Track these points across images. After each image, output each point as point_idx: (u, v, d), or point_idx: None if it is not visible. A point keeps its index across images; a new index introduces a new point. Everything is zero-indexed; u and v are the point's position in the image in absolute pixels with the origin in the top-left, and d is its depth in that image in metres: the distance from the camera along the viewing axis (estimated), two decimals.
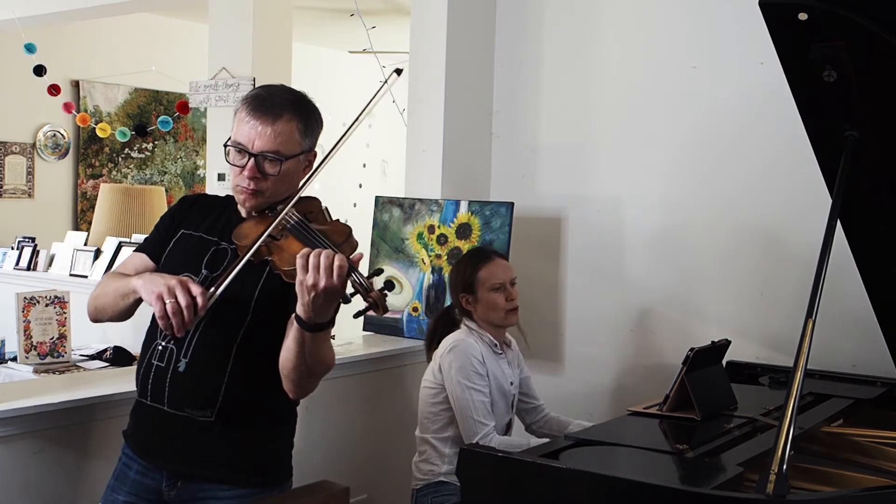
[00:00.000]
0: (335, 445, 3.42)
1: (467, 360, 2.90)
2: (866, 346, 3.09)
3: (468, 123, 4.01)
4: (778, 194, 3.40)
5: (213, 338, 2.07)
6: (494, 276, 3.00)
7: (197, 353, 2.07)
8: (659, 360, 3.62)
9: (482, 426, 2.85)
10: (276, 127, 2.05)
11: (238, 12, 5.03)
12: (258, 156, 2.05)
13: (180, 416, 2.08)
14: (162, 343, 2.10)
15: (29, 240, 5.83)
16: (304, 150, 2.12)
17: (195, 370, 2.06)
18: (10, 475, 2.44)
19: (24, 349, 4.26)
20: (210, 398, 2.07)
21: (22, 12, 6.02)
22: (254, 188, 2.07)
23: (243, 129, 2.07)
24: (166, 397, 2.09)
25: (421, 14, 3.97)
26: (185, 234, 2.22)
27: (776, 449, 1.85)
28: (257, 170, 2.05)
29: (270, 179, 2.07)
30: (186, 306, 1.90)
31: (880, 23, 2.04)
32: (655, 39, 3.69)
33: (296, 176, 2.13)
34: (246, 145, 2.06)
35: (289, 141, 2.07)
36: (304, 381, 2.04)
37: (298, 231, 2.01)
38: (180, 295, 1.90)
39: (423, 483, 2.97)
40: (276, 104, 2.08)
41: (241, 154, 2.07)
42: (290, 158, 2.08)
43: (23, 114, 7.25)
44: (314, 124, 2.15)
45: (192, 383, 2.07)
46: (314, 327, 1.90)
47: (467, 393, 2.87)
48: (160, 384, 2.09)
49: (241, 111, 2.09)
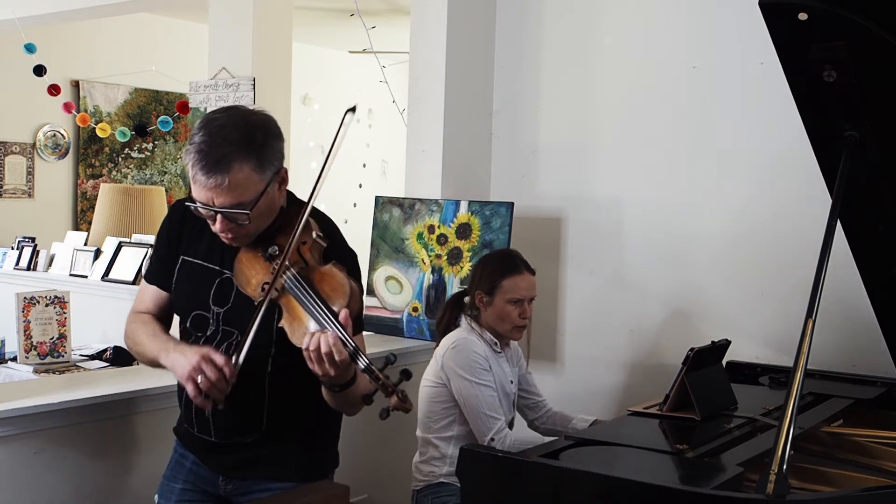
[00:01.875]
0: None
1: (471, 357, 2.90)
2: (866, 346, 3.08)
3: (468, 123, 4.01)
4: (778, 194, 3.40)
5: (246, 370, 2.04)
6: (517, 289, 2.97)
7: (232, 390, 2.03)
8: (659, 360, 3.62)
9: (494, 420, 2.85)
10: (230, 181, 1.95)
11: (238, 12, 5.03)
12: (222, 211, 1.99)
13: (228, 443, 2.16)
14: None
15: (29, 240, 5.83)
16: (267, 182, 2.01)
17: (234, 406, 2.05)
18: (10, 475, 2.44)
19: (24, 349, 4.26)
20: (254, 426, 2.14)
21: (22, 12, 6.02)
22: (233, 236, 2.05)
23: (199, 189, 1.98)
24: (212, 431, 2.15)
25: (421, 14, 3.97)
26: (185, 262, 2.20)
27: (776, 449, 1.85)
28: (229, 222, 2.01)
29: (244, 225, 2.02)
30: (217, 380, 1.93)
31: (880, 23, 2.04)
32: (655, 39, 3.69)
33: (272, 203, 2.06)
34: (208, 203, 1.99)
35: (248, 188, 1.98)
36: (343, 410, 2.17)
37: (297, 294, 1.98)
38: (208, 371, 1.93)
39: (423, 484, 2.97)
40: (222, 156, 1.95)
41: (206, 210, 2.01)
42: (257, 201, 2.00)
43: (23, 114, 7.25)
44: (268, 153, 2.02)
45: (234, 417, 2.12)
46: (336, 389, 1.99)
47: (476, 389, 2.86)
48: (203, 420, 2.15)
49: (190, 167, 1.98)
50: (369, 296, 3.93)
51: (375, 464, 3.56)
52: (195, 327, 2.15)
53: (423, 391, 3.02)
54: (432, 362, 3.02)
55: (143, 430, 2.80)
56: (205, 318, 2.13)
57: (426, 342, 3.69)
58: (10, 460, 2.44)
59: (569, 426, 3.04)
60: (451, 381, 2.91)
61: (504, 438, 2.84)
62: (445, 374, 2.92)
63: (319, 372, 1.89)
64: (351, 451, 3.47)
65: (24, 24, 6.09)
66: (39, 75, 6.03)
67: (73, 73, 7.44)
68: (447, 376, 2.91)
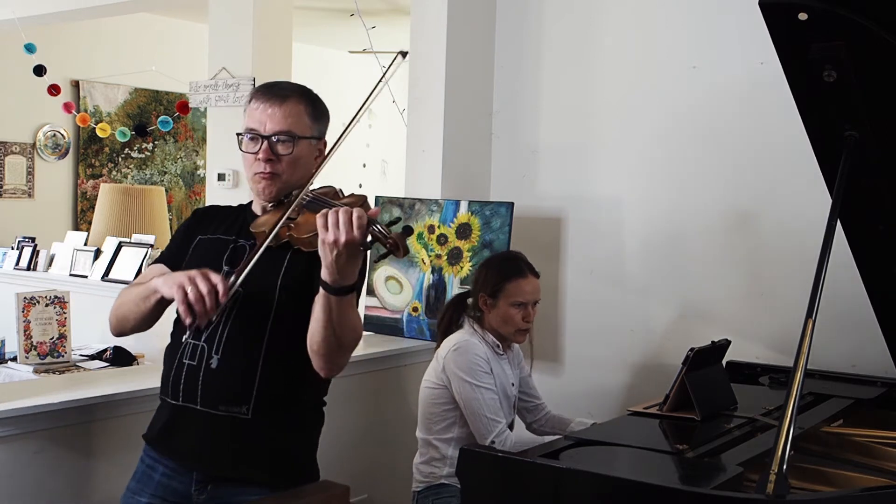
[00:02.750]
0: (335, 445, 3.41)
1: (473, 359, 2.89)
2: (866, 346, 3.09)
3: (468, 123, 4.01)
4: (778, 194, 3.40)
5: (242, 331, 2.07)
6: (521, 293, 2.96)
7: (228, 348, 2.06)
8: (659, 360, 3.62)
9: (495, 423, 2.84)
10: (284, 108, 2.10)
11: (238, 12, 5.03)
12: (270, 137, 2.09)
13: (214, 414, 2.07)
14: (192, 341, 2.09)
15: (29, 240, 5.83)
16: (314, 134, 2.15)
17: (228, 365, 2.06)
18: (10, 475, 2.44)
19: (24, 349, 4.26)
20: (244, 393, 2.06)
21: (22, 12, 6.02)
22: (270, 171, 2.10)
23: (254, 114, 2.12)
24: (199, 396, 2.07)
25: (421, 14, 3.97)
26: (202, 240, 2.23)
27: (776, 449, 1.85)
28: (271, 151, 2.09)
29: (285, 161, 2.10)
30: (208, 292, 1.90)
31: (880, 23, 2.04)
32: (655, 39, 3.69)
33: (308, 162, 2.15)
34: (258, 129, 2.10)
35: (299, 122, 2.12)
36: (335, 354, 2.02)
37: (315, 205, 2.03)
38: (201, 282, 1.91)
39: (423, 485, 2.97)
40: (284, 88, 2.15)
41: (253, 140, 2.11)
42: (301, 139, 2.11)
43: (23, 114, 7.25)
44: (322, 112, 2.20)
45: (226, 379, 2.06)
46: (340, 290, 1.90)
47: (477, 392, 2.86)
48: (192, 382, 2.08)
49: (250, 102, 2.15)
50: (369, 296, 3.93)
51: (375, 464, 3.56)
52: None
53: (423, 392, 3.01)
54: (433, 363, 3.02)
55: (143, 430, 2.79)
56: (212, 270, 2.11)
57: (426, 342, 3.69)
58: (10, 460, 2.44)
59: (567, 429, 3.04)
60: (452, 383, 2.90)
61: (505, 441, 2.83)
62: (446, 376, 2.92)
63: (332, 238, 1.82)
64: (351, 451, 3.48)
65: (24, 24, 6.09)
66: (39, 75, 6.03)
67: (73, 73, 7.44)
68: (448, 378, 2.91)
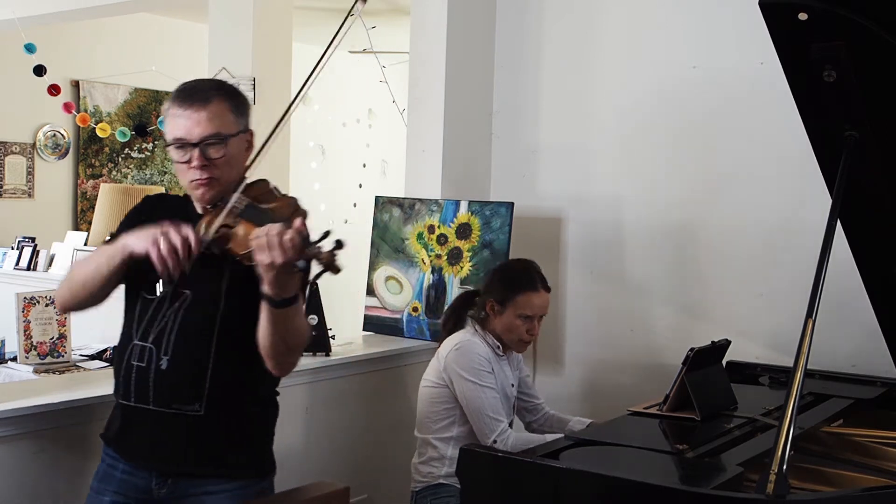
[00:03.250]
0: (335, 445, 3.42)
1: (475, 358, 2.89)
2: (866, 346, 3.08)
3: (468, 123, 4.01)
4: (778, 194, 3.40)
5: (190, 333, 2.09)
6: (531, 306, 2.96)
7: (177, 349, 2.08)
8: (659, 360, 3.62)
9: (497, 423, 2.84)
10: (208, 110, 2.07)
11: (238, 12, 5.03)
12: (200, 143, 2.06)
13: (168, 413, 2.09)
14: (139, 343, 2.12)
15: (29, 240, 5.83)
16: (240, 129, 2.14)
17: (178, 366, 2.08)
18: (10, 475, 2.44)
19: (24, 349, 4.26)
20: (196, 391, 2.09)
21: (22, 12, 6.02)
22: (207, 176, 2.08)
23: (178, 122, 2.08)
24: (151, 396, 2.09)
25: (421, 14, 3.97)
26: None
27: (776, 449, 1.85)
28: (204, 158, 2.07)
29: (219, 164, 2.09)
30: (182, 244, 1.96)
31: (880, 23, 2.04)
32: (655, 39, 3.68)
33: (240, 158, 2.16)
34: (186, 137, 2.07)
35: (224, 121, 2.09)
36: (284, 358, 2.08)
37: (249, 214, 2.04)
38: (173, 235, 1.96)
39: (422, 485, 2.96)
40: (201, 90, 2.11)
41: (183, 149, 2.09)
42: (230, 138, 2.10)
43: (23, 114, 7.24)
44: (244, 104, 2.18)
45: (177, 379, 2.08)
46: (282, 303, 1.95)
47: (479, 391, 2.86)
48: (143, 383, 2.10)
49: (170, 109, 2.11)
50: (369, 296, 3.93)
51: (375, 464, 3.56)
52: (147, 290, 2.15)
53: (423, 391, 3.01)
54: (433, 362, 3.01)
55: None
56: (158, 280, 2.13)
57: (426, 342, 3.69)
58: (10, 460, 2.44)
59: (566, 428, 3.04)
60: (453, 383, 2.90)
61: (507, 440, 2.83)
62: (448, 376, 2.92)
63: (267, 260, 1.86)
64: (351, 451, 3.48)
65: (24, 24, 6.09)
66: (39, 75, 6.02)
67: (73, 73, 7.44)
68: (450, 378, 2.91)
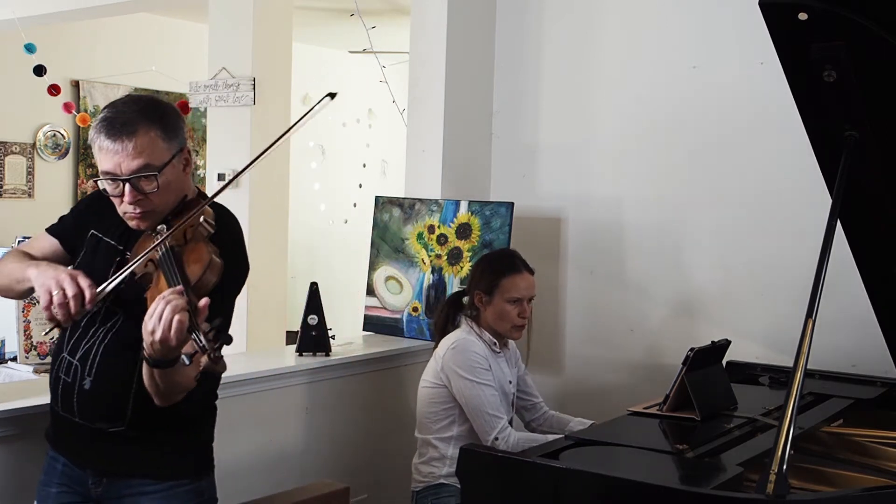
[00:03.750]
0: (335, 445, 3.42)
1: (472, 357, 2.90)
2: (866, 346, 3.08)
3: (468, 123, 4.01)
4: (778, 194, 3.40)
5: (114, 355, 2.07)
6: (516, 288, 2.97)
7: (101, 371, 2.07)
8: (659, 360, 3.62)
9: (497, 420, 2.85)
10: (135, 144, 1.99)
11: (238, 12, 5.03)
12: (131, 179, 2.00)
13: (93, 427, 2.10)
14: (67, 357, 2.11)
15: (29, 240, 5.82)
16: (173, 153, 2.06)
17: (100, 388, 2.07)
18: (10, 475, 2.44)
19: (24, 349, 4.26)
20: (119, 412, 2.09)
21: (22, 12, 6.01)
22: (141, 210, 2.04)
23: (106, 157, 2.01)
24: (76, 411, 2.11)
25: (421, 14, 3.97)
26: (93, 235, 2.19)
27: (776, 449, 1.85)
28: (136, 191, 2.01)
29: (153, 197, 2.03)
30: (73, 296, 1.93)
31: (880, 23, 2.04)
32: (655, 39, 3.69)
33: (177, 181, 2.09)
34: (114, 172, 2.01)
35: (154, 152, 2.02)
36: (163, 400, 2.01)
37: (163, 265, 1.96)
38: (68, 286, 1.94)
39: (423, 485, 2.97)
40: (126, 121, 2.01)
41: (114, 183, 2.03)
42: (163, 167, 2.03)
43: (23, 114, 7.24)
44: (172, 124, 2.08)
45: (99, 400, 2.08)
46: (157, 364, 1.90)
47: (478, 389, 2.86)
48: (69, 398, 2.11)
49: (96, 140, 2.03)
50: (369, 296, 3.93)
51: (375, 464, 3.56)
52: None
53: (421, 392, 3.01)
54: (431, 362, 3.02)
55: None
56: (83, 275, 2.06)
57: (426, 342, 3.69)
58: (10, 460, 2.44)
59: (566, 429, 3.04)
60: (451, 382, 2.91)
61: (508, 437, 2.84)
62: (446, 375, 2.92)
63: (150, 327, 1.80)
64: (351, 451, 3.48)
65: (24, 24, 6.08)
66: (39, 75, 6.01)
67: (73, 73, 7.44)
68: (448, 377, 2.91)
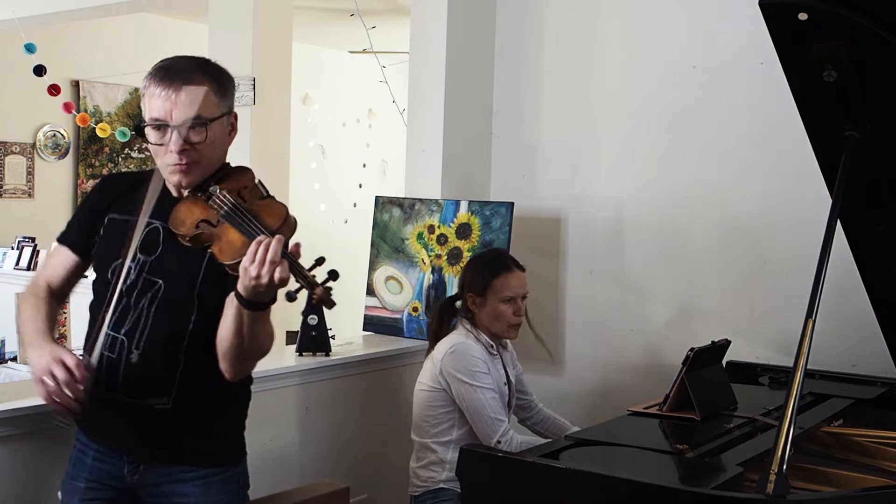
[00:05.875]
0: (335, 445, 3.42)
1: (469, 360, 2.88)
2: (866, 346, 3.08)
3: (468, 123, 4.01)
4: (778, 194, 3.40)
5: (162, 329, 2.03)
6: (509, 287, 2.96)
7: (149, 343, 2.02)
8: (659, 360, 3.62)
9: (499, 423, 2.83)
10: (189, 92, 1.95)
11: (238, 12, 5.03)
12: (181, 126, 1.95)
13: (136, 404, 2.05)
14: (111, 333, 2.04)
15: (29, 240, 5.83)
16: (223, 112, 2.03)
17: (148, 360, 2.02)
18: (11, 475, 2.44)
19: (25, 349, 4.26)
20: (165, 387, 2.04)
21: (22, 12, 6.02)
22: (186, 161, 1.97)
23: (156, 103, 1.96)
24: (120, 387, 2.05)
25: (421, 14, 3.97)
26: (112, 219, 2.13)
27: (776, 449, 1.85)
28: (184, 141, 1.96)
29: (199, 148, 1.98)
30: (67, 382, 1.87)
31: (880, 23, 2.04)
32: (655, 39, 3.68)
33: (223, 142, 2.06)
34: (164, 119, 1.96)
35: (207, 103, 1.98)
36: (239, 363, 1.99)
37: (233, 218, 1.91)
38: (58, 372, 1.88)
39: (422, 489, 2.94)
40: (183, 69, 1.98)
41: (160, 131, 1.97)
42: (213, 121, 1.99)
43: (23, 114, 7.25)
44: (227, 84, 2.05)
45: (146, 372, 2.03)
46: (253, 306, 1.86)
47: (478, 393, 2.85)
48: (113, 374, 2.04)
49: (148, 87, 1.98)
50: (369, 296, 3.93)
51: (375, 464, 3.56)
52: (116, 276, 2.03)
53: (418, 395, 3.00)
54: (428, 365, 2.99)
55: None
56: (128, 267, 2.04)
57: (426, 342, 3.68)
58: (10, 460, 2.44)
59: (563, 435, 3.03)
60: (451, 386, 2.89)
61: (510, 441, 2.82)
62: (444, 379, 2.90)
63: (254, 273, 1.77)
64: (351, 451, 3.48)
65: (24, 24, 6.09)
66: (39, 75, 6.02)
67: (73, 73, 7.45)
68: (446, 381, 2.90)
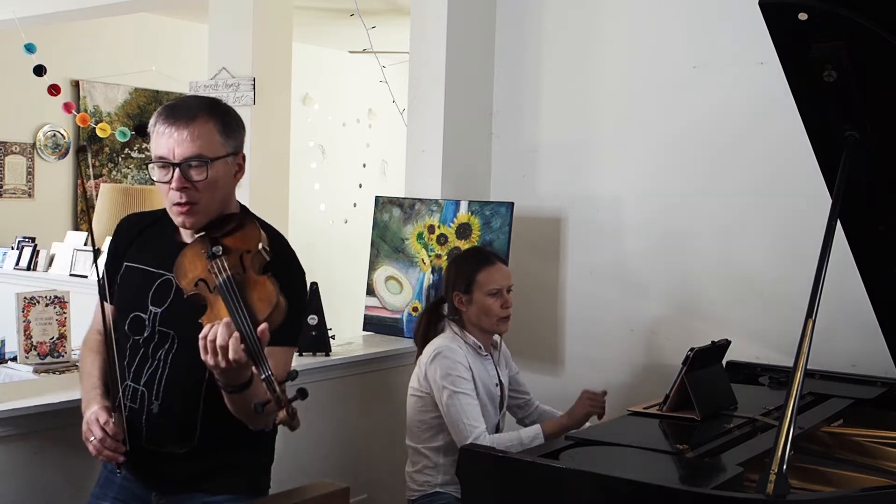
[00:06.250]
0: (335, 445, 3.42)
1: (452, 366, 2.86)
2: (866, 346, 3.08)
3: (468, 123, 4.01)
4: (778, 194, 3.40)
5: (180, 377, 2.06)
6: (493, 280, 2.95)
7: (168, 393, 2.06)
8: (659, 360, 3.62)
9: (473, 428, 2.80)
10: (192, 129, 1.98)
11: (238, 12, 5.03)
12: (182, 164, 1.98)
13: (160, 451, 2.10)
14: (132, 384, 2.10)
15: (29, 240, 5.83)
16: (228, 151, 2.04)
17: (169, 410, 2.06)
18: (10, 475, 2.44)
19: (24, 349, 4.26)
20: (188, 433, 2.08)
21: (22, 12, 6.02)
22: (186, 200, 2.00)
23: (161, 140, 2.01)
24: (144, 436, 2.09)
25: (421, 14, 3.97)
26: (128, 268, 2.18)
27: (776, 449, 1.85)
28: (184, 179, 1.98)
29: (200, 187, 2.00)
30: (102, 438, 2.01)
31: (880, 23, 2.04)
32: (655, 39, 3.69)
33: (227, 182, 2.07)
34: (167, 156, 1.99)
35: (210, 142, 2.00)
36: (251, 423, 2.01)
37: (225, 294, 1.90)
38: (95, 430, 2.03)
39: (418, 493, 2.94)
40: (188, 107, 2.03)
41: (164, 168, 2.01)
42: (215, 161, 2.00)
43: (23, 114, 7.24)
44: (233, 125, 2.07)
45: (168, 422, 2.08)
46: (232, 389, 1.90)
47: (455, 398, 2.83)
48: (136, 424, 2.09)
49: (155, 126, 2.03)
50: (369, 296, 3.93)
51: (375, 464, 3.56)
52: (133, 330, 2.11)
53: (409, 400, 3.00)
54: (416, 370, 2.99)
55: None
56: (142, 319, 2.10)
57: None
58: (10, 460, 2.44)
59: None
60: (433, 390, 2.89)
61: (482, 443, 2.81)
62: (428, 383, 2.90)
63: (210, 363, 1.81)
64: (351, 451, 3.48)
65: (24, 24, 6.09)
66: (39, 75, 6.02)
67: (73, 73, 7.44)
68: (430, 385, 2.89)
